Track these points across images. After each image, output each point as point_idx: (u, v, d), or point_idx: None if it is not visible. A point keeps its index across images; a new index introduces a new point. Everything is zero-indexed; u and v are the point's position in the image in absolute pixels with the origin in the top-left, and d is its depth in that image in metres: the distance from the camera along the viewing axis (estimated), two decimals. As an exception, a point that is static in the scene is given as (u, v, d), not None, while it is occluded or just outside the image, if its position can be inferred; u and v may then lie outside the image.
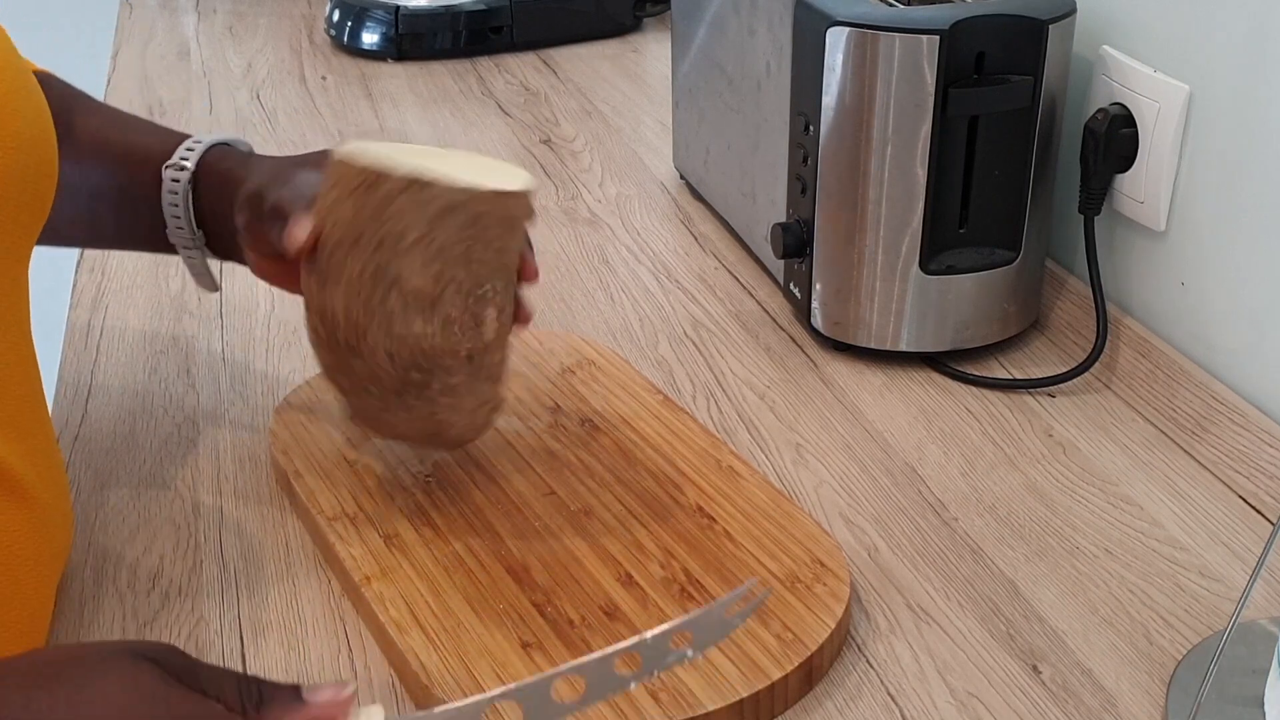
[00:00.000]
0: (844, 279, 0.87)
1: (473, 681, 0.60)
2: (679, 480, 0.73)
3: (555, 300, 0.97)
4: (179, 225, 0.74)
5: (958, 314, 0.86)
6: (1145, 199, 0.86)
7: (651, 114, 1.31)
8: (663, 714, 0.58)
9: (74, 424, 0.83)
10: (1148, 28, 0.85)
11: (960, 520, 0.74)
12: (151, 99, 1.36)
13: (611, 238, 1.07)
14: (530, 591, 0.65)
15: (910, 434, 0.82)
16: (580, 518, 0.70)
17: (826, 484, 0.77)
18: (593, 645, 0.62)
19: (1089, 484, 0.77)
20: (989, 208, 0.85)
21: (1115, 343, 0.88)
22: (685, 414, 0.79)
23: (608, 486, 0.73)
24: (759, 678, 0.60)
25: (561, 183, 1.17)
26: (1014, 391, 0.86)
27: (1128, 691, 0.62)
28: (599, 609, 0.64)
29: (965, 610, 0.68)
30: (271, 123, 1.30)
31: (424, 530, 0.70)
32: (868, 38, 0.79)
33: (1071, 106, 0.89)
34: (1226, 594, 0.68)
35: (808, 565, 0.66)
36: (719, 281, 1.00)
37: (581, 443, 0.76)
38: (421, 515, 0.71)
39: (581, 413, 0.79)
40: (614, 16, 1.53)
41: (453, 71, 1.44)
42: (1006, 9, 0.80)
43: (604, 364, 0.84)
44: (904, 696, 0.62)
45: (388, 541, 0.69)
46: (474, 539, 0.69)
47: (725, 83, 0.99)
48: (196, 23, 1.61)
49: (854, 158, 0.83)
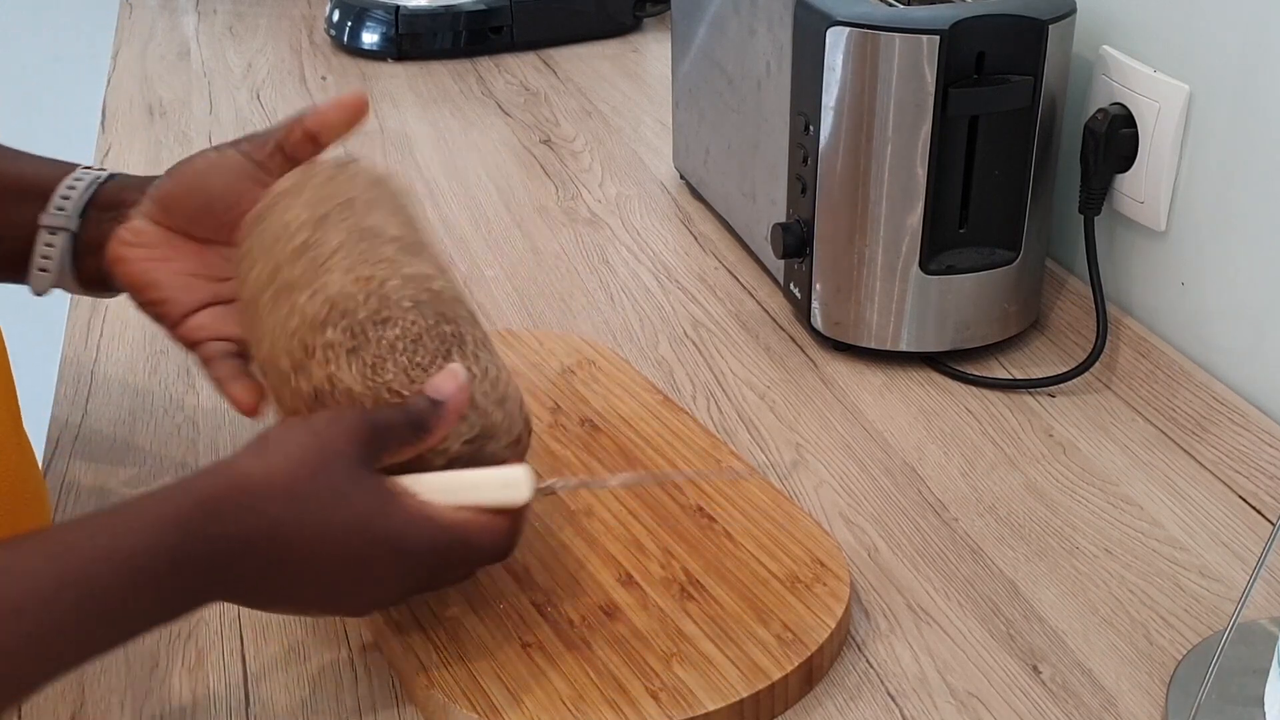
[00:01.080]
0: (844, 279, 0.87)
1: (473, 682, 0.60)
2: (679, 479, 0.73)
3: (555, 300, 0.97)
4: (60, 205, 0.70)
5: (958, 314, 0.86)
6: (1145, 199, 0.86)
7: (651, 114, 1.31)
8: (662, 714, 0.58)
9: (74, 424, 0.83)
10: (1148, 28, 0.85)
11: (960, 520, 0.74)
12: (151, 99, 1.36)
13: (611, 238, 1.07)
14: (530, 591, 0.65)
15: (910, 434, 0.82)
16: (580, 518, 0.70)
17: (826, 484, 0.77)
18: (593, 645, 0.62)
19: (1089, 484, 0.77)
20: (989, 207, 0.85)
21: (1115, 343, 0.88)
22: (685, 414, 0.79)
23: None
24: (759, 678, 0.60)
25: (561, 183, 1.17)
26: (1014, 391, 0.86)
27: (1128, 691, 0.62)
28: (599, 609, 0.64)
29: (965, 610, 0.68)
30: (271, 122, 1.30)
31: None
32: (868, 38, 0.79)
33: (1071, 106, 0.89)
34: (1226, 594, 0.68)
35: (808, 565, 0.66)
36: (719, 281, 1.00)
37: (581, 443, 0.76)
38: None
39: (581, 413, 0.79)
40: (614, 16, 1.53)
41: (453, 71, 1.44)
42: (1006, 9, 0.80)
43: (604, 364, 0.84)
44: (904, 696, 0.62)
45: None
46: None
47: (725, 83, 1.00)
48: (196, 23, 1.61)
49: (854, 158, 0.83)
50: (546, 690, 0.60)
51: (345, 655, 0.65)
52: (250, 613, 0.68)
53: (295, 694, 0.63)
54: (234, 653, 0.65)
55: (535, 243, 1.06)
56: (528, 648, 0.62)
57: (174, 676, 0.64)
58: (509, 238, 1.07)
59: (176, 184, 0.69)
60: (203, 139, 1.26)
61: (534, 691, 0.59)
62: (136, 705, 0.62)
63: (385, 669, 0.64)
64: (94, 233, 0.69)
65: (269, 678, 0.64)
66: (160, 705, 0.62)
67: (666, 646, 0.62)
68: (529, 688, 0.60)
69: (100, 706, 0.62)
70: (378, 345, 0.59)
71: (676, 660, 0.61)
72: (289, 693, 0.63)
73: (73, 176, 0.71)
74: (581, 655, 0.61)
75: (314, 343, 0.59)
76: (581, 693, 0.59)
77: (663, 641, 0.62)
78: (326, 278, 0.60)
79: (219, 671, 0.64)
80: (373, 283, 0.60)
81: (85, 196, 0.70)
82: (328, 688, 0.63)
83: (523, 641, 0.62)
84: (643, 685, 0.60)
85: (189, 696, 0.63)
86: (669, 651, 0.61)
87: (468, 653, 0.62)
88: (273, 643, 0.66)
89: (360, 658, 0.65)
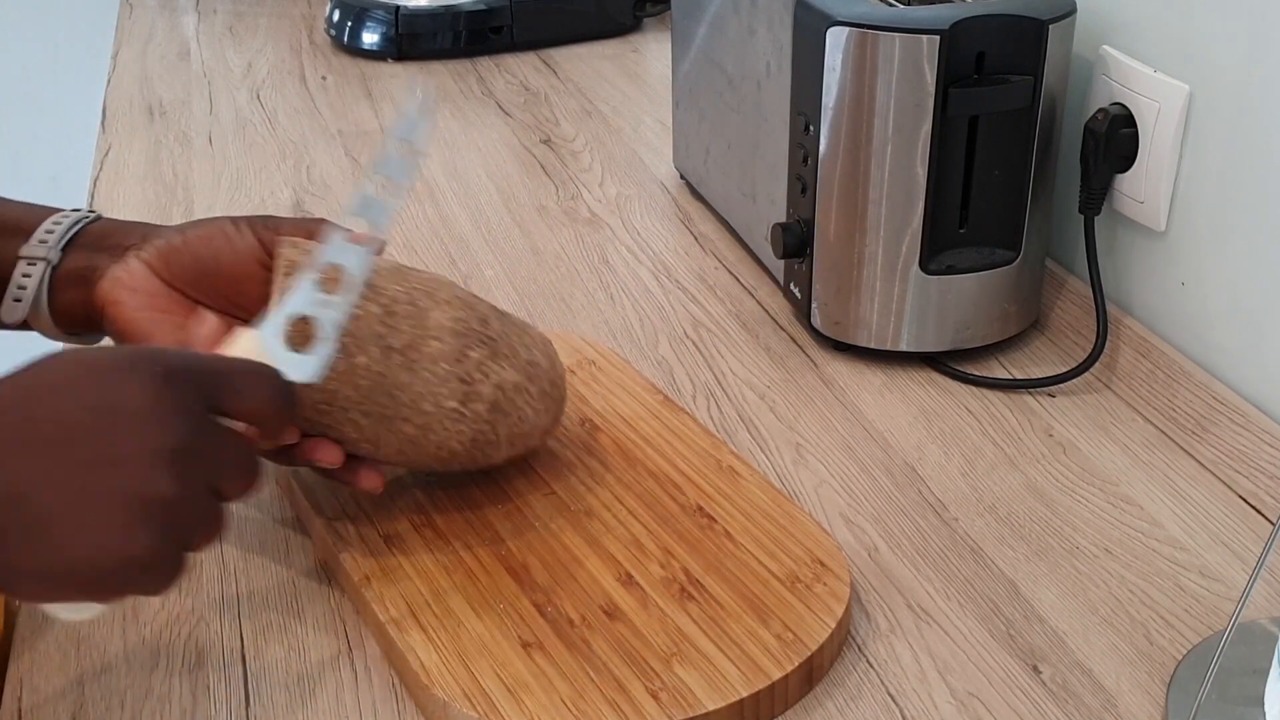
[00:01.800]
0: (844, 279, 0.87)
1: (473, 681, 0.60)
2: (679, 480, 0.73)
3: (555, 300, 0.97)
4: (43, 237, 0.70)
5: (958, 314, 0.86)
6: (1145, 199, 0.86)
7: (651, 114, 1.31)
8: (663, 713, 0.58)
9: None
10: (1148, 28, 0.85)
11: (960, 520, 0.74)
12: (151, 99, 1.36)
13: (611, 238, 1.07)
14: (530, 591, 0.65)
15: (910, 434, 0.82)
16: (581, 518, 0.70)
17: (826, 484, 0.77)
18: (593, 645, 0.62)
19: (1089, 484, 0.77)
20: (989, 208, 0.85)
21: (1115, 343, 0.88)
22: (685, 414, 0.79)
23: (607, 486, 0.73)
24: (759, 678, 0.60)
25: (561, 183, 1.17)
26: (1014, 391, 0.86)
27: (1128, 691, 0.62)
28: (599, 608, 0.64)
29: (965, 610, 0.68)
30: (271, 123, 1.30)
31: (424, 530, 0.70)
32: (868, 38, 0.79)
33: (1071, 106, 0.89)
34: (1226, 594, 0.68)
35: (808, 565, 0.66)
36: (719, 281, 1.00)
37: (582, 443, 0.76)
38: (422, 515, 0.71)
39: (582, 413, 0.79)
40: (614, 16, 1.53)
41: (453, 71, 1.44)
42: (1006, 9, 0.80)
43: (604, 364, 0.84)
44: (904, 696, 0.62)
45: (388, 541, 0.69)
46: (474, 538, 0.69)
47: (725, 83, 1.00)
48: (196, 23, 1.61)
49: (854, 157, 0.83)
50: (546, 690, 0.60)
51: (345, 655, 0.65)
52: (250, 612, 0.68)
53: (295, 694, 0.63)
54: (234, 653, 0.65)
55: (535, 243, 1.06)
56: (528, 647, 0.62)
57: (174, 676, 0.64)
58: (509, 238, 1.07)
59: (186, 246, 0.69)
60: (203, 139, 1.26)
61: (534, 691, 0.59)
62: (136, 705, 0.62)
63: (385, 669, 0.64)
64: (77, 267, 0.69)
65: (269, 678, 0.64)
66: (160, 705, 0.62)
67: (666, 646, 0.62)
68: (529, 687, 0.60)
69: (100, 707, 0.62)
70: (498, 338, 0.68)
71: (677, 660, 0.61)
72: (289, 693, 0.63)
73: (59, 214, 0.71)
74: (581, 655, 0.61)
75: (468, 372, 0.66)
76: (582, 692, 0.59)
77: (663, 641, 0.62)
78: (431, 319, 0.66)
79: (219, 671, 0.64)
80: (456, 302, 0.68)
81: (69, 231, 0.70)
82: (328, 688, 0.63)
83: (523, 641, 0.62)
84: (643, 685, 0.60)
85: (189, 696, 0.63)
86: (669, 651, 0.61)
87: (468, 653, 0.62)
88: (273, 643, 0.66)
89: (360, 658, 0.65)
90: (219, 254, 0.69)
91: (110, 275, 0.68)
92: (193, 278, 0.69)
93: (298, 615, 0.68)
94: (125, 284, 0.68)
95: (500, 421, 0.67)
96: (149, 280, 0.68)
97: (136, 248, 0.69)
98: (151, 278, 0.68)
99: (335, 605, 0.68)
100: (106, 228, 0.71)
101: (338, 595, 0.69)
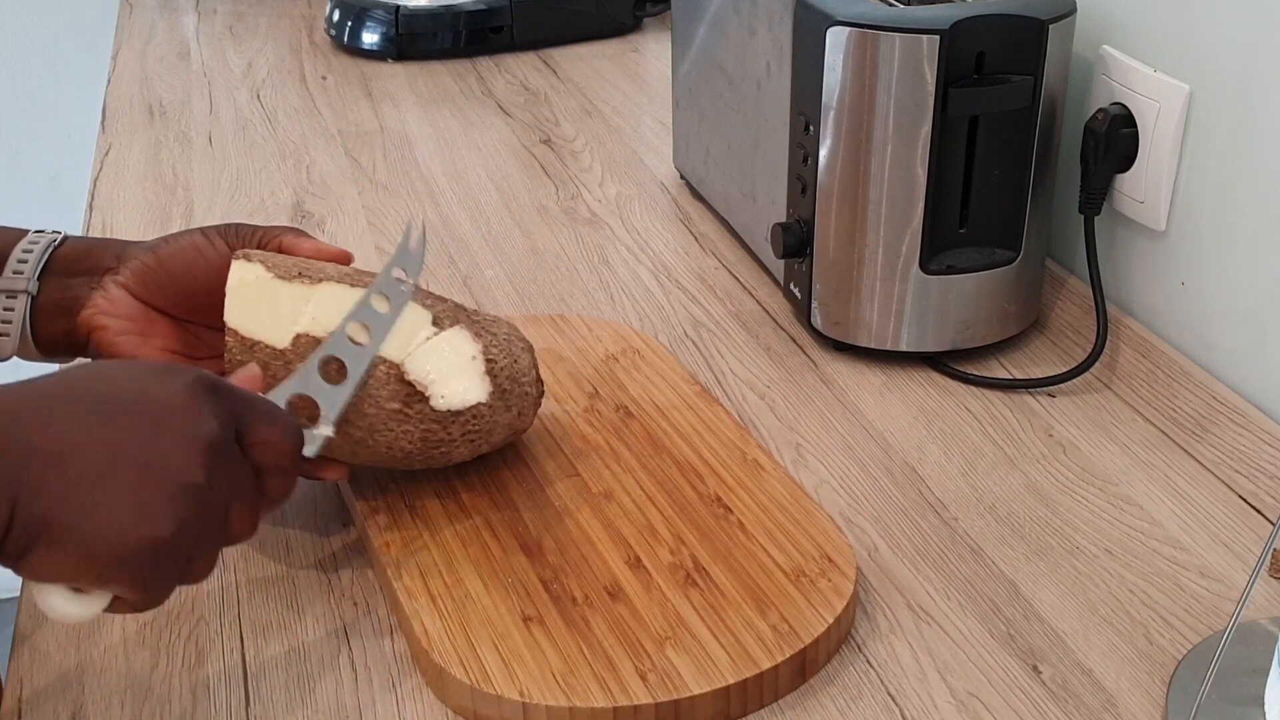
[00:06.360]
0: (844, 279, 0.87)
1: (470, 649, 0.61)
2: (702, 470, 0.74)
3: (555, 300, 0.97)
4: (19, 265, 0.71)
5: (958, 314, 0.86)
6: (1145, 199, 0.86)
7: (651, 114, 1.31)
8: (649, 694, 0.59)
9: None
10: (1148, 28, 0.85)
11: (960, 520, 0.74)
12: (151, 99, 1.36)
13: (611, 238, 1.07)
14: (540, 568, 0.67)
15: (910, 434, 0.82)
16: (600, 500, 0.71)
17: (826, 484, 0.77)
18: (591, 623, 0.63)
19: (1089, 484, 0.77)
20: (989, 207, 0.85)
21: (1115, 343, 0.88)
22: (719, 406, 0.80)
23: (631, 472, 0.74)
24: (749, 666, 0.61)
25: (561, 183, 1.17)
26: (1014, 391, 0.86)
27: (1128, 691, 0.62)
28: (603, 589, 0.65)
29: (965, 610, 0.68)
30: (271, 123, 1.30)
31: (448, 503, 0.71)
32: (868, 38, 0.79)
33: (1071, 106, 0.89)
34: (1226, 594, 0.68)
35: (815, 560, 0.67)
36: (719, 281, 1.00)
37: (614, 428, 0.78)
38: (448, 489, 0.72)
39: (618, 399, 0.80)
40: (614, 16, 1.53)
41: (453, 71, 1.44)
42: (1006, 9, 0.80)
43: (648, 353, 0.85)
44: (904, 696, 0.62)
45: (413, 512, 0.71)
46: (495, 514, 0.71)
47: (725, 83, 1.00)
48: (196, 23, 1.61)
49: (854, 158, 0.83)
50: (539, 662, 0.61)
51: (345, 655, 0.65)
52: (250, 612, 0.68)
53: (295, 694, 0.63)
54: (234, 653, 0.65)
55: (535, 242, 1.06)
56: (528, 621, 0.63)
57: (174, 676, 0.64)
58: (509, 237, 1.07)
59: (160, 264, 0.70)
60: (203, 139, 1.26)
61: (527, 663, 0.61)
62: (136, 705, 0.62)
63: (385, 669, 0.64)
64: (56, 296, 0.70)
65: (269, 678, 0.64)
66: (160, 705, 0.62)
67: (662, 629, 0.63)
68: (523, 659, 0.61)
69: (100, 706, 0.62)
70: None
71: (670, 643, 0.62)
72: (289, 693, 0.63)
73: (27, 240, 0.71)
74: (579, 632, 0.62)
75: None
76: (573, 668, 0.60)
77: (660, 624, 0.63)
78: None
79: (219, 671, 0.64)
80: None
81: (41, 260, 0.71)
82: (328, 688, 0.63)
83: (524, 615, 0.64)
84: (633, 665, 0.60)
85: (189, 696, 0.63)
86: (664, 635, 0.62)
87: (470, 621, 0.63)
88: (273, 643, 0.66)
89: (360, 658, 0.65)
90: (192, 267, 0.70)
91: (92, 303, 0.70)
92: (170, 295, 0.70)
93: (298, 615, 0.68)
94: (107, 311, 0.70)
95: (451, 421, 0.68)
96: (129, 304, 0.70)
97: (113, 271, 0.70)
98: (131, 301, 0.70)
99: (335, 605, 0.68)
100: (77, 249, 0.72)
101: (338, 595, 0.69)
